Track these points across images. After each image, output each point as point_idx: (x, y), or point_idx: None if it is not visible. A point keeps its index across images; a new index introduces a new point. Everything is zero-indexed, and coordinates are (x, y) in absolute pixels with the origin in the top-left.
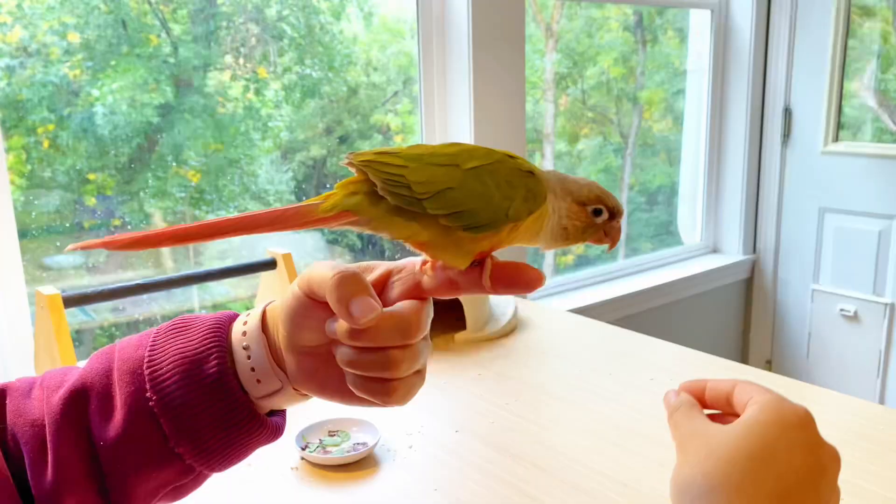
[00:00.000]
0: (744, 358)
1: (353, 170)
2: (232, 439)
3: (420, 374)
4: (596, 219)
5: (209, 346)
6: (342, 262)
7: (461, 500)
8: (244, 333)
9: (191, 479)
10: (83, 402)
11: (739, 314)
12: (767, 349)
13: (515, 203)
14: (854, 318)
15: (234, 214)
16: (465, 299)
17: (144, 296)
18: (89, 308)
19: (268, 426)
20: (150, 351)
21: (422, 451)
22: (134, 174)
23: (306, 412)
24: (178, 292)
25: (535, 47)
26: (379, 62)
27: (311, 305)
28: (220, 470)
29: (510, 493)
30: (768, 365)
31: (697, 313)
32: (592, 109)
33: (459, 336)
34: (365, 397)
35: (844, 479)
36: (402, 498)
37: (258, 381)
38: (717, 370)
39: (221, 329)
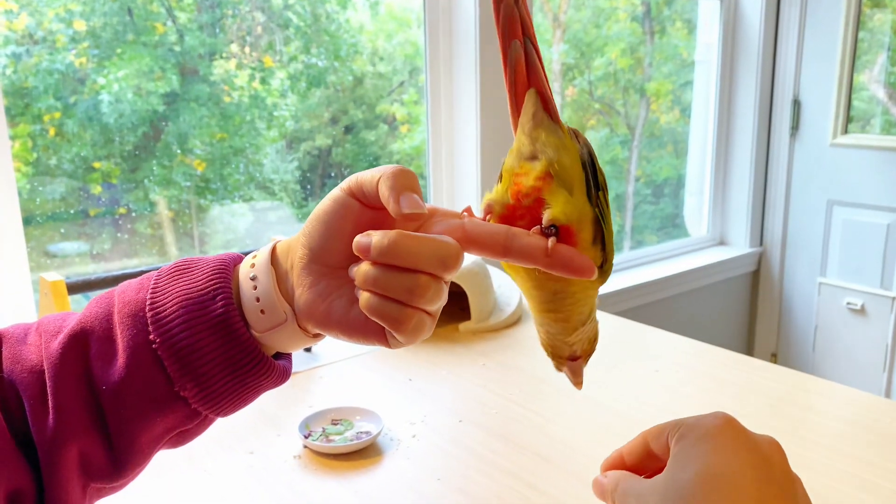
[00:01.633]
0: (749, 351)
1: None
2: (238, 382)
3: (432, 316)
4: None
5: (214, 286)
6: None
7: (464, 490)
8: (252, 265)
9: (196, 423)
10: (83, 346)
11: (745, 307)
12: (773, 342)
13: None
14: (861, 311)
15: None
16: (470, 290)
17: None
18: (93, 295)
19: (275, 369)
20: (151, 293)
21: (425, 440)
22: (139, 162)
23: (310, 400)
24: None
25: (543, 37)
26: (385, 52)
27: (351, 209)
28: (225, 414)
29: (513, 483)
30: (774, 358)
31: (703, 306)
32: (599, 100)
33: (464, 326)
34: (376, 320)
35: (851, 473)
36: (405, 487)
37: (262, 311)
38: (723, 362)
39: (226, 270)
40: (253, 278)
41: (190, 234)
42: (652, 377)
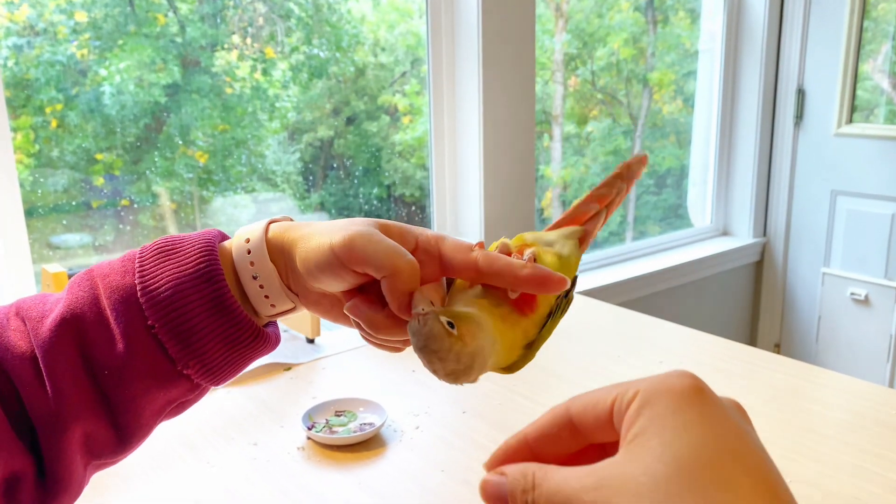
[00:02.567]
0: (752, 341)
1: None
2: (237, 355)
3: None
4: None
5: (205, 267)
6: (373, 225)
7: (468, 482)
8: (252, 263)
9: (196, 394)
10: (77, 332)
11: (749, 297)
12: (776, 333)
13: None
14: (865, 301)
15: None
16: None
17: None
18: None
19: (269, 339)
20: (140, 277)
21: (429, 431)
22: (141, 154)
23: (313, 392)
24: None
25: (545, 27)
26: (387, 42)
27: (345, 275)
28: (224, 383)
29: None
30: (777, 348)
31: (707, 296)
32: (602, 91)
33: None
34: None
35: (855, 463)
36: (409, 479)
37: (273, 305)
38: (727, 353)
39: (213, 248)
40: (255, 277)
41: (192, 226)
42: (656, 368)
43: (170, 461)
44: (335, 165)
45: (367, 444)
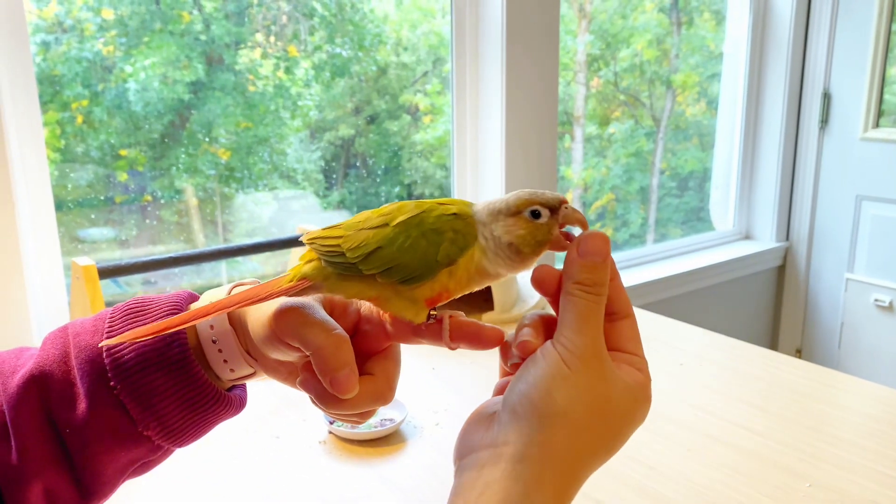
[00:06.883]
0: (773, 346)
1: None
2: (199, 419)
3: None
4: (537, 220)
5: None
6: (311, 303)
7: None
8: (211, 327)
9: (159, 454)
10: (43, 389)
11: (770, 302)
12: (798, 338)
13: (444, 246)
14: (889, 308)
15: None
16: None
17: (175, 269)
18: (122, 280)
19: (233, 403)
20: (107, 338)
21: (449, 428)
22: (165, 150)
23: None
24: (207, 267)
25: (568, 28)
26: (409, 42)
27: (284, 342)
28: (186, 445)
29: None
30: (798, 354)
31: (728, 300)
32: (625, 92)
33: (487, 317)
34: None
35: (876, 469)
36: (428, 474)
37: (231, 370)
38: (748, 357)
39: (179, 310)
40: (215, 341)
41: (214, 223)
42: (677, 370)
43: (191, 453)
44: (356, 164)
45: (388, 440)
